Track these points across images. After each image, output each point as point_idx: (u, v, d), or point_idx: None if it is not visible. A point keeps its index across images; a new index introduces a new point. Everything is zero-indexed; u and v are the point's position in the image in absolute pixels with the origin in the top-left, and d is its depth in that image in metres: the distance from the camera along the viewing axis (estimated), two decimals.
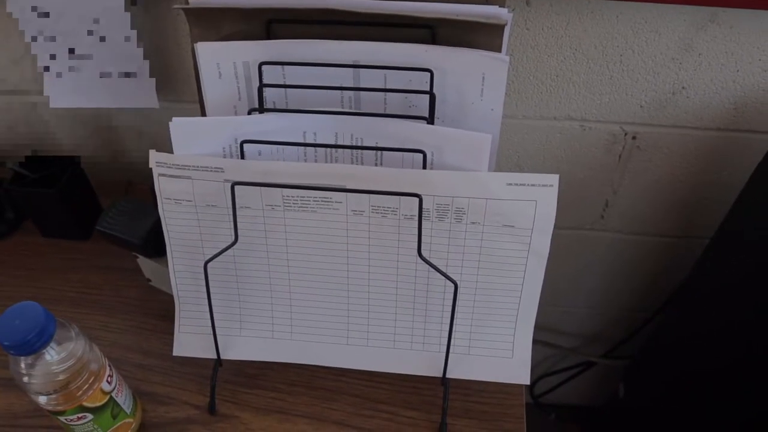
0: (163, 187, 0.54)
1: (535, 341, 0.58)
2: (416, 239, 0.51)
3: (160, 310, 0.69)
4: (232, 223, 0.53)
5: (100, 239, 0.66)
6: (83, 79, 0.70)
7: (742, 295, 0.73)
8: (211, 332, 0.58)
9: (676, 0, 0.63)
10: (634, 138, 0.78)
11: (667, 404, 0.90)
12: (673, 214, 0.88)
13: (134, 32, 0.67)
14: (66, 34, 0.67)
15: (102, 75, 0.70)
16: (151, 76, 0.70)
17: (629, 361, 1.10)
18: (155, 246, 0.62)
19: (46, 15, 0.66)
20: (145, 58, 0.69)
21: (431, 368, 0.59)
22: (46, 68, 0.68)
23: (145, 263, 0.69)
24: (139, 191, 0.82)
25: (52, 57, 0.68)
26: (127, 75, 0.70)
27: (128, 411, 0.57)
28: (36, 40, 0.68)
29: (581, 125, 0.77)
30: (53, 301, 0.71)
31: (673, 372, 0.90)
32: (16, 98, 0.79)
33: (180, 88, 0.77)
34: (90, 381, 0.51)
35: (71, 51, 0.68)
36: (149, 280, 0.72)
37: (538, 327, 0.57)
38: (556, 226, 0.52)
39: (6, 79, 0.77)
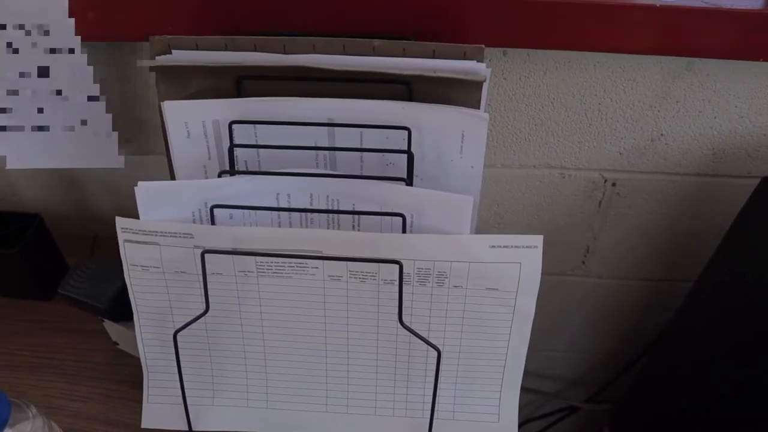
0: (129, 253, 0.51)
1: None
2: (396, 304, 0.49)
3: (128, 376, 0.66)
4: (202, 291, 0.51)
5: (63, 299, 0.62)
6: (43, 139, 0.66)
7: (725, 337, 0.72)
8: (182, 402, 0.55)
9: (652, 50, 0.62)
10: (614, 185, 0.77)
11: None
12: (655, 259, 0.87)
13: (97, 86, 0.64)
14: (26, 91, 0.64)
15: (63, 134, 0.66)
16: (117, 129, 0.67)
17: (614, 405, 1.08)
18: (122, 310, 0.58)
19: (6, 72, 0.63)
20: (112, 114, 0.66)
21: None
22: (2, 128, 0.65)
23: (111, 326, 0.65)
24: (106, 246, 0.78)
25: (10, 114, 0.65)
26: (92, 134, 0.66)
27: None
28: None
29: (561, 173, 0.76)
30: (12, 368, 0.67)
31: (658, 415, 0.89)
32: None
33: (149, 140, 0.74)
34: None
35: (30, 110, 0.65)
36: (116, 343, 0.68)
37: None
38: None
39: None
